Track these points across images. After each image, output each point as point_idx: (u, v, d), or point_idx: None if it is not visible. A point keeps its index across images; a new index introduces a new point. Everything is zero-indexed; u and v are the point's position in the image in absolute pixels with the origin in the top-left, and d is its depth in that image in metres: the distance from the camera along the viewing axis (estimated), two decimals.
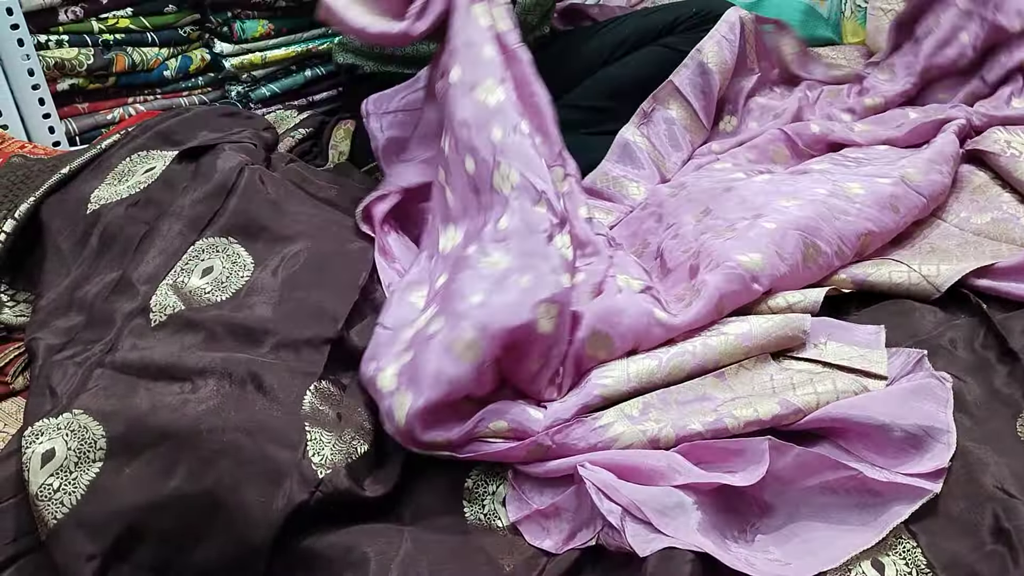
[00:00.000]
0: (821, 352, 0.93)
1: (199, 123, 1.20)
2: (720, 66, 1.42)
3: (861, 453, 0.81)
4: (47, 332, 0.94)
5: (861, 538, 0.73)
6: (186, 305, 0.91)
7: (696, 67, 1.42)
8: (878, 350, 0.92)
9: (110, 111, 1.53)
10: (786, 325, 0.92)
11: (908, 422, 0.79)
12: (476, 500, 0.82)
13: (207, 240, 0.99)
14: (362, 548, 0.75)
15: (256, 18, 1.63)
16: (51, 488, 0.73)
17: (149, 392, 0.80)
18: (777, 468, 0.77)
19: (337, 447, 0.81)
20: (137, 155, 1.12)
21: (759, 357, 0.92)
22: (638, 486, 0.76)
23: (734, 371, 0.90)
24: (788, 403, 0.82)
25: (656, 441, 0.81)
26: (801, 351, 0.93)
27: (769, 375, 0.90)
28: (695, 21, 1.55)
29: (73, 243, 1.04)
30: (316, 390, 0.86)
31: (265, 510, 0.74)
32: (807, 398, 0.83)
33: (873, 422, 0.80)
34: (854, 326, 0.97)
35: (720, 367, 0.90)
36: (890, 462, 0.79)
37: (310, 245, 1.01)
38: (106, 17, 1.49)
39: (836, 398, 0.83)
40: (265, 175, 1.08)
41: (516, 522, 0.79)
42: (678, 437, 0.81)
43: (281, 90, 1.70)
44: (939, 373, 0.87)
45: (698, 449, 0.81)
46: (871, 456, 0.80)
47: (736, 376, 0.90)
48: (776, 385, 0.88)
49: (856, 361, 0.90)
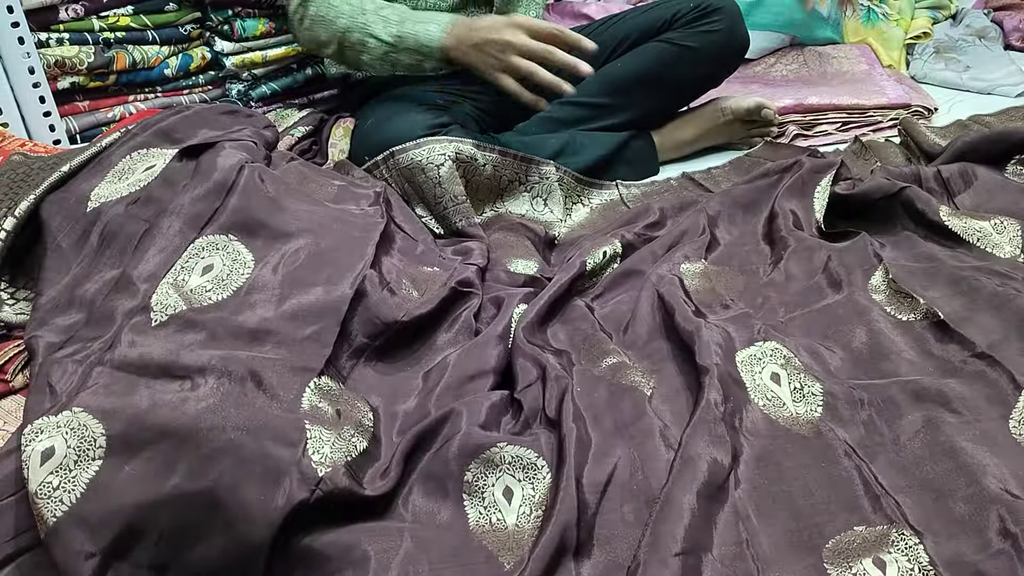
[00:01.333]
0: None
1: (199, 121, 1.20)
2: None
3: None
4: (47, 330, 0.93)
5: None
6: (187, 304, 0.91)
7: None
8: None
9: (110, 109, 1.53)
10: None
11: None
12: (476, 493, 0.82)
13: (207, 238, 0.98)
14: (362, 547, 0.75)
15: (256, 16, 1.63)
16: (51, 486, 0.72)
17: (149, 390, 0.80)
18: None
19: (337, 445, 0.81)
20: (137, 153, 1.12)
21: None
22: None
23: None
24: None
25: None
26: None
27: None
28: (694, 16, 1.55)
29: (73, 241, 1.04)
30: (316, 387, 0.86)
31: (265, 509, 0.74)
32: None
33: None
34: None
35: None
36: None
37: (310, 242, 1.01)
38: (107, 15, 1.49)
39: None
40: (265, 173, 1.08)
41: None
42: None
43: (281, 88, 1.71)
44: None
45: None
46: None
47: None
48: None
49: None
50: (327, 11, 1.34)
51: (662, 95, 1.59)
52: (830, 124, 1.72)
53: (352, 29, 1.34)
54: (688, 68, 1.54)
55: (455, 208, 1.31)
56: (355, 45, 1.36)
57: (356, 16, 1.33)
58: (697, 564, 0.71)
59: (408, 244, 1.19)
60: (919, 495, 0.79)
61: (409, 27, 1.33)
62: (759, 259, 1.21)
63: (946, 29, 2.22)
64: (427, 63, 1.36)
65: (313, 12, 1.36)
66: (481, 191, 1.38)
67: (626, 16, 1.65)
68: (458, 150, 1.33)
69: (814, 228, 1.24)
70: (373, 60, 1.36)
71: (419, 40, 1.33)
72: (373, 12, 1.33)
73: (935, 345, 0.97)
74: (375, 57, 1.35)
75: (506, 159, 1.38)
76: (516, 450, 0.85)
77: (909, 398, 0.89)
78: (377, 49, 1.35)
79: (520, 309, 1.06)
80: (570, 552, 0.75)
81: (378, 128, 1.40)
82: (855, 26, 2.16)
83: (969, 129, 1.60)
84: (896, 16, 2.18)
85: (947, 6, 2.32)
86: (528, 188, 1.41)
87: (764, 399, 0.91)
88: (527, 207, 1.41)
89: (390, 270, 1.08)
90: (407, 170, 1.33)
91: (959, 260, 1.13)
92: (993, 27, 2.17)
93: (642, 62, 1.55)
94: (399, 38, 1.33)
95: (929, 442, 0.83)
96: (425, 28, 1.32)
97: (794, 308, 1.08)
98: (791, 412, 0.89)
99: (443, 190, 1.31)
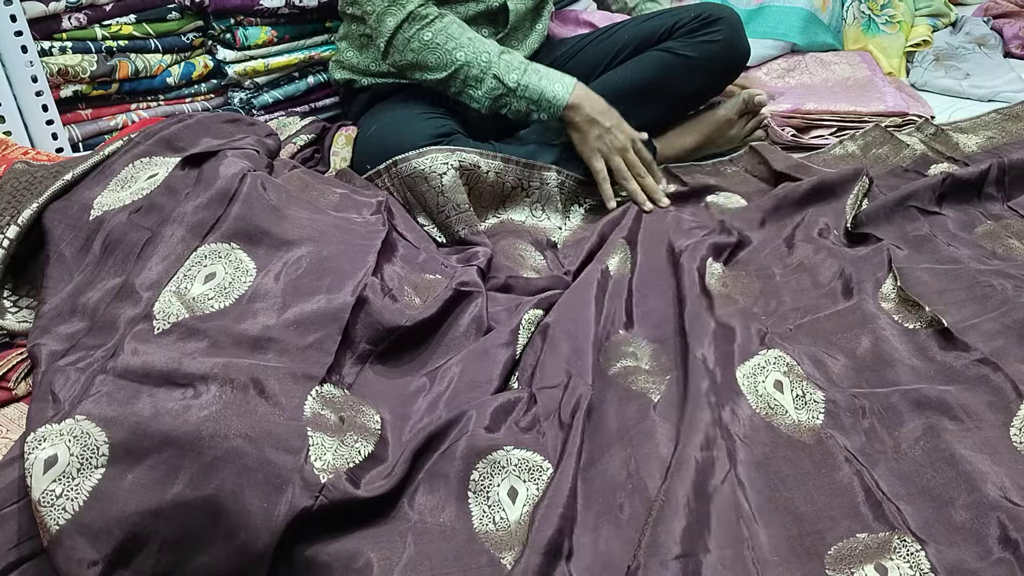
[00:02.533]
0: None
1: (202, 129, 1.20)
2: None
3: None
4: (50, 338, 0.94)
5: None
6: (189, 312, 0.91)
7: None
8: None
9: (113, 117, 1.53)
10: None
11: None
12: (481, 492, 0.82)
13: (209, 246, 0.99)
14: (365, 554, 0.75)
15: (259, 25, 1.63)
16: (53, 494, 0.73)
17: (151, 398, 0.80)
18: None
19: (339, 452, 0.81)
20: (140, 161, 1.12)
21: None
22: None
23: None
24: None
25: None
26: None
27: None
28: (695, 25, 1.55)
29: (76, 249, 1.04)
30: (318, 394, 0.86)
31: (267, 516, 0.74)
32: None
33: None
34: None
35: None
36: None
37: (312, 250, 1.01)
38: (109, 24, 1.49)
39: None
40: (267, 181, 1.08)
41: None
42: None
43: (283, 96, 1.71)
44: None
45: None
46: None
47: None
48: None
49: None
50: (445, 41, 1.39)
51: (663, 104, 1.59)
52: (826, 128, 1.72)
53: (473, 65, 1.38)
54: (688, 77, 1.54)
55: (458, 216, 1.31)
56: (469, 79, 1.40)
57: (478, 54, 1.38)
58: (697, 569, 0.71)
59: (410, 252, 1.19)
60: (920, 502, 0.79)
61: (534, 79, 1.39)
62: (778, 264, 1.22)
63: (946, 37, 2.22)
64: (541, 114, 1.41)
65: (429, 38, 1.39)
66: (484, 198, 1.38)
67: (628, 24, 1.65)
68: (461, 159, 1.33)
69: (841, 234, 1.25)
70: (482, 96, 1.41)
71: (544, 95, 1.39)
72: (497, 55, 1.39)
73: (938, 352, 0.97)
74: (485, 94, 1.40)
75: (509, 165, 1.38)
76: (522, 453, 0.85)
77: (910, 406, 0.89)
78: (495, 90, 1.40)
79: (530, 315, 1.07)
80: (564, 551, 0.75)
81: (380, 136, 1.40)
82: (855, 34, 2.16)
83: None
84: (896, 23, 2.18)
85: (947, 14, 2.32)
86: (529, 194, 1.42)
87: (767, 407, 0.91)
88: (527, 214, 1.41)
89: (392, 277, 1.09)
90: (409, 179, 1.33)
91: (982, 263, 1.14)
92: (993, 35, 2.17)
93: (642, 71, 1.55)
94: (523, 87, 1.39)
95: (929, 449, 0.84)
96: (551, 85, 1.39)
97: (804, 314, 1.09)
98: (793, 419, 0.90)
99: (446, 199, 1.31)
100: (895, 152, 1.56)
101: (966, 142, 1.58)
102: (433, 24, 1.38)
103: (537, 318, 1.08)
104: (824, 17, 2.10)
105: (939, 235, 1.24)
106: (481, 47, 1.39)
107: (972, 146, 1.56)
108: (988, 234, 1.24)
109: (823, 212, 1.31)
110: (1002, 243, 1.21)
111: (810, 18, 2.07)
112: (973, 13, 2.32)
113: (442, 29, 1.38)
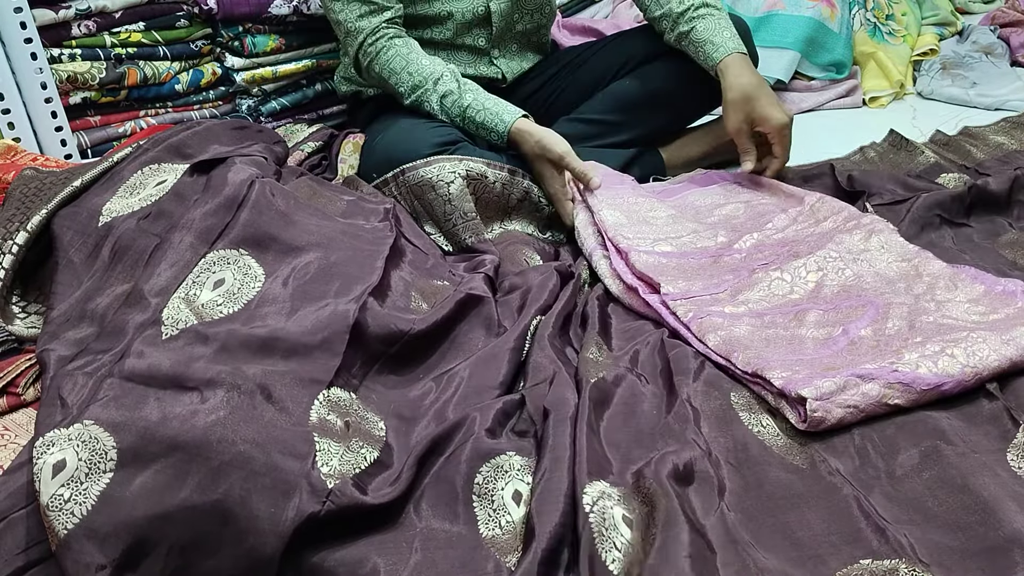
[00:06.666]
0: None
1: (210, 136, 1.20)
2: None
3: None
4: (58, 343, 0.94)
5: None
6: (198, 318, 0.91)
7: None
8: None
9: (121, 124, 1.54)
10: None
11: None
12: (486, 496, 0.82)
13: (218, 252, 0.99)
14: (372, 560, 0.75)
15: (267, 33, 1.64)
16: (62, 498, 0.73)
17: (159, 402, 0.80)
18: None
19: (345, 458, 0.81)
20: (148, 168, 1.13)
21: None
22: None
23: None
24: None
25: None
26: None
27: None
28: None
29: (85, 255, 1.04)
30: (324, 399, 0.86)
31: (275, 522, 0.74)
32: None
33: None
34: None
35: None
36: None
37: (320, 256, 1.01)
38: (119, 31, 1.50)
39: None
40: (275, 188, 1.08)
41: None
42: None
43: (291, 104, 1.72)
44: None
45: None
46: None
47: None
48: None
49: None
50: (389, 76, 1.46)
51: (670, 113, 1.59)
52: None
53: (418, 103, 1.46)
54: (695, 87, 1.54)
55: (465, 225, 1.32)
56: (420, 107, 1.46)
57: (423, 84, 1.44)
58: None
59: (419, 257, 1.20)
60: (923, 528, 0.77)
61: (478, 116, 1.42)
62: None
63: (953, 45, 2.22)
64: (493, 136, 1.43)
65: (377, 71, 1.47)
66: (490, 208, 1.38)
67: (635, 34, 1.66)
68: (468, 168, 1.33)
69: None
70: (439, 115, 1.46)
71: (487, 126, 1.41)
72: (432, 85, 1.44)
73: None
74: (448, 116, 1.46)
75: (515, 178, 1.39)
76: (524, 460, 0.85)
77: (905, 432, 0.88)
78: (442, 116, 1.46)
79: (537, 321, 1.07)
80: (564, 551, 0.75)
81: (387, 144, 1.41)
82: (863, 39, 2.16)
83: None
84: (903, 33, 2.18)
85: (954, 23, 2.32)
86: (537, 209, 1.42)
87: (759, 426, 0.92)
88: (532, 228, 1.42)
89: (400, 283, 1.09)
90: (417, 187, 1.33)
91: (1000, 273, 1.13)
92: (1000, 43, 2.17)
93: (650, 80, 1.55)
94: (464, 119, 1.43)
95: (928, 476, 0.82)
96: (496, 115, 1.40)
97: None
98: (784, 441, 0.90)
99: (453, 207, 1.32)
100: (910, 158, 1.56)
101: (976, 151, 1.58)
102: (379, 57, 1.46)
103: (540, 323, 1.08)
104: (833, 26, 2.10)
105: (956, 246, 1.23)
106: (421, 75, 1.43)
107: (981, 155, 1.56)
108: (1011, 243, 1.24)
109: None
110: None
111: (819, 27, 2.07)
112: (980, 22, 2.32)
113: (387, 63, 1.45)
